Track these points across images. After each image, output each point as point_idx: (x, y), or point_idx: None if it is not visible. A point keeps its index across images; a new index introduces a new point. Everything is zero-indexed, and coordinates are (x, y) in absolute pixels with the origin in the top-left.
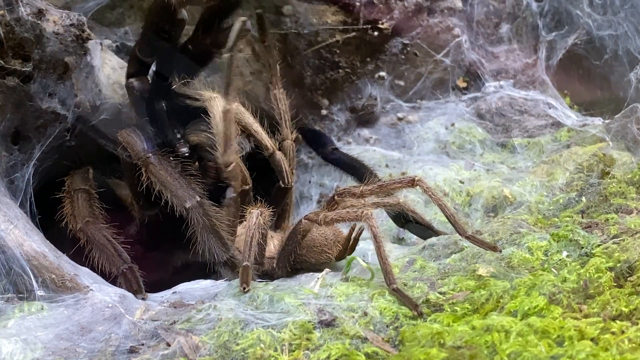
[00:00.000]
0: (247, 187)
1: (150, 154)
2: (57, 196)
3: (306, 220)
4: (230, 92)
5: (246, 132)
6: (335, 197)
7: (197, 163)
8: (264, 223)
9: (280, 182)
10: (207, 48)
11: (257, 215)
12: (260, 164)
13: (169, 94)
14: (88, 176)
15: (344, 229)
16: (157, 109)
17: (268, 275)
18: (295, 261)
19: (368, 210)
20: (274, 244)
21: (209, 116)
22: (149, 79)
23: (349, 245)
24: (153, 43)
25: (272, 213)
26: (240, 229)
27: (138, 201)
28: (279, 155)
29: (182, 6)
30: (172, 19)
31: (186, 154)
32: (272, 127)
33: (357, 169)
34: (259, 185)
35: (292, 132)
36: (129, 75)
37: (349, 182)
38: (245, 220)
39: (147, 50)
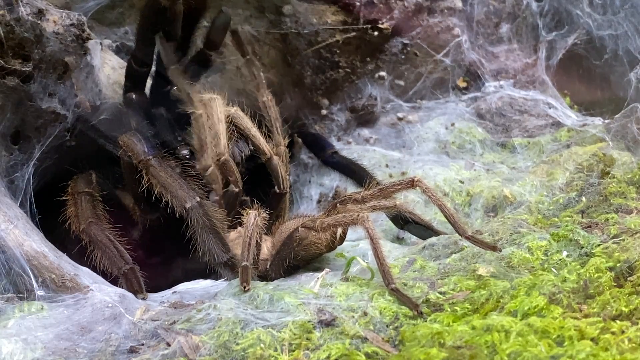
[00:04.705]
0: (237, 189)
1: (150, 157)
2: (61, 199)
3: (303, 229)
4: (194, 98)
5: (244, 135)
6: (338, 204)
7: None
8: (261, 225)
9: (276, 187)
10: (203, 50)
11: (254, 215)
12: (260, 166)
13: (168, 99)
14: (91, 180)
15: None
16: (157, 115)
17: (261, 278)
18: (289, 265)
19: (364, 213)
20: (267, 246)
21: None
22: (146, 92)
23: (337, 237)
24: (150, 46)
25: (267, 216)
26: (233, 234)
27: (139, 204)
28: (275, 160)
29: (174, 3)
30: (164, 16)
31: (187, 156)
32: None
33: (356, 173)
34: (260, 187)
35: (284, 138)
36: (126, 90)
37: (349, 183)
38: (240, 226)
39: (143, 56)
